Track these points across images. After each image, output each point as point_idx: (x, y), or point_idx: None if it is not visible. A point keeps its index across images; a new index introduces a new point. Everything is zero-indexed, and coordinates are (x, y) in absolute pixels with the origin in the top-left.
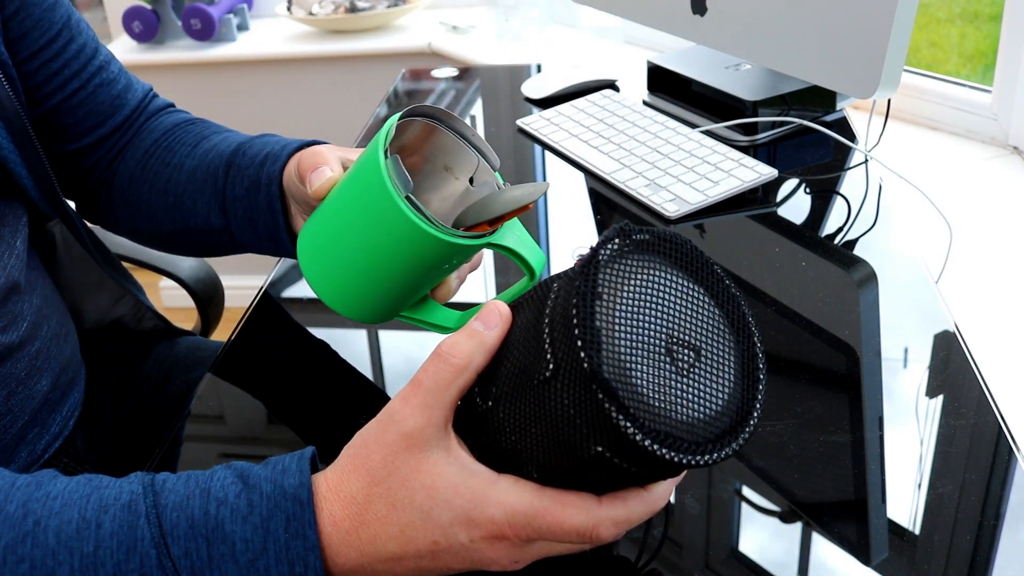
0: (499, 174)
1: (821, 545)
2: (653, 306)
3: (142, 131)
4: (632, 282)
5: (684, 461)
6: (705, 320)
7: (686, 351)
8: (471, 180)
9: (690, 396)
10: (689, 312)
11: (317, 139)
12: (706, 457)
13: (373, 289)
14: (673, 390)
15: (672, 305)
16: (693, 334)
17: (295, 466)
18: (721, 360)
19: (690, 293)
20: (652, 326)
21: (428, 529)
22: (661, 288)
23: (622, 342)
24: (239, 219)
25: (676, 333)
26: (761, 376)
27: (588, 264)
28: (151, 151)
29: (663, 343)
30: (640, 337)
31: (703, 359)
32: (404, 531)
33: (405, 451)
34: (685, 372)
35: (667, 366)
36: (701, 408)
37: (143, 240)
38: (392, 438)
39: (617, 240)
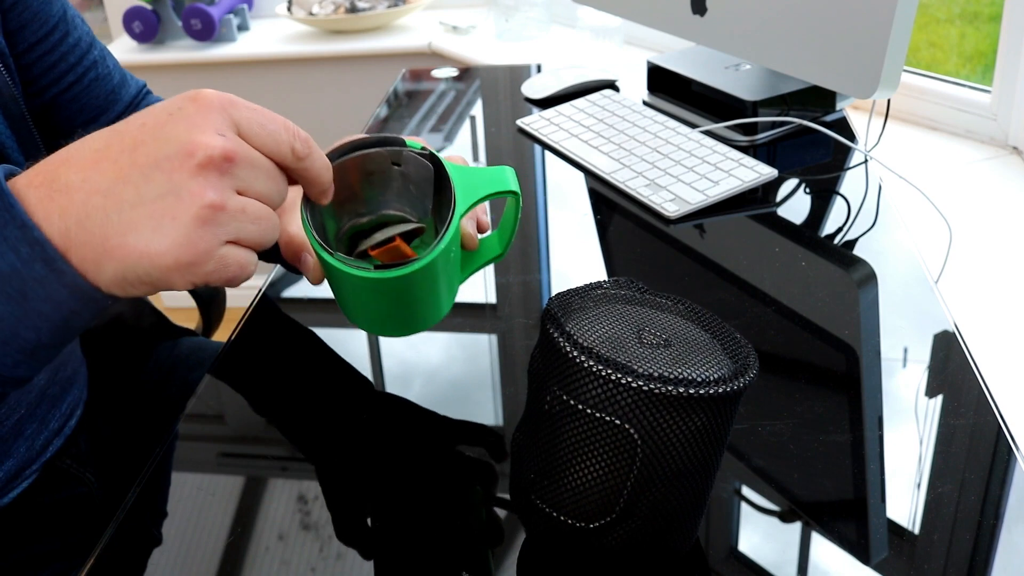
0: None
1: (820, 545)
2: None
3: None
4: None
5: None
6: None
7: (655, 339)
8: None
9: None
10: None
11: None
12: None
13: (411, 312)
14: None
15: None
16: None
17: None
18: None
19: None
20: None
21: (140, 116)
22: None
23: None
24: None
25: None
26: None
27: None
28: None
29: (633, 333)
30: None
31: (674, 347)
32: (114, 128)
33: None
34: (652, 348)
35: (633, 344)
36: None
37: None
38: None
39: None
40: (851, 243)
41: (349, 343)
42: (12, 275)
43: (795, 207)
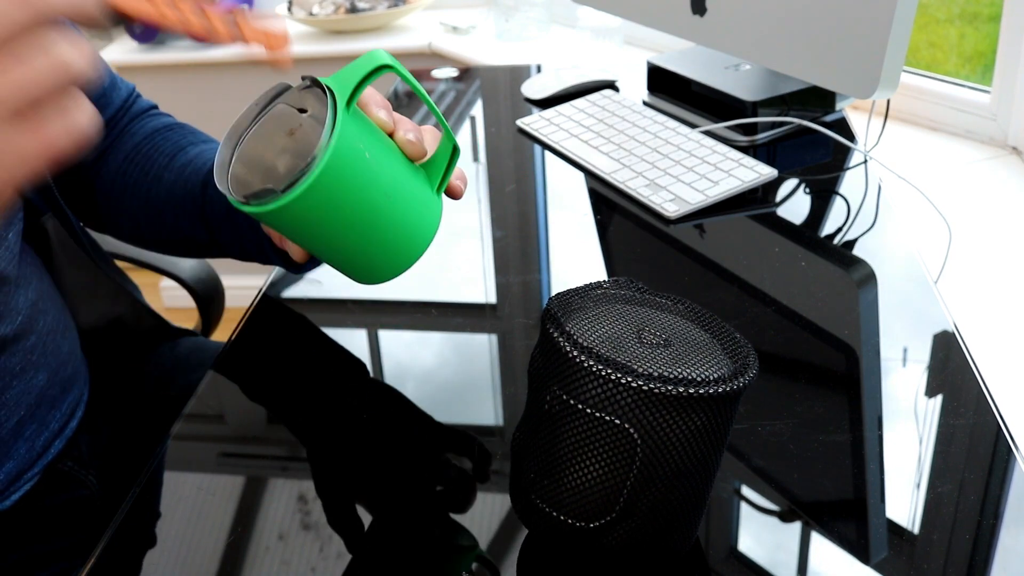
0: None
1: (820, 544)
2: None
3: (124, 134)
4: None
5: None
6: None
7: (655, 338)
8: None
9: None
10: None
11: None
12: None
13: (385, 228)
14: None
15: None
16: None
17: None
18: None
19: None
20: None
21: None
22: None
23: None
24: (225, 236)
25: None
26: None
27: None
28: (131, 156)
29: (633, 333)
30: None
31: (673, 346)
32: None
33: None
34: (651, 347)
35: (633, 343)
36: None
37: (127, 240)
38: None
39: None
40: (851, 243)
41: (349, 343)
42: None
43: (795, 207)
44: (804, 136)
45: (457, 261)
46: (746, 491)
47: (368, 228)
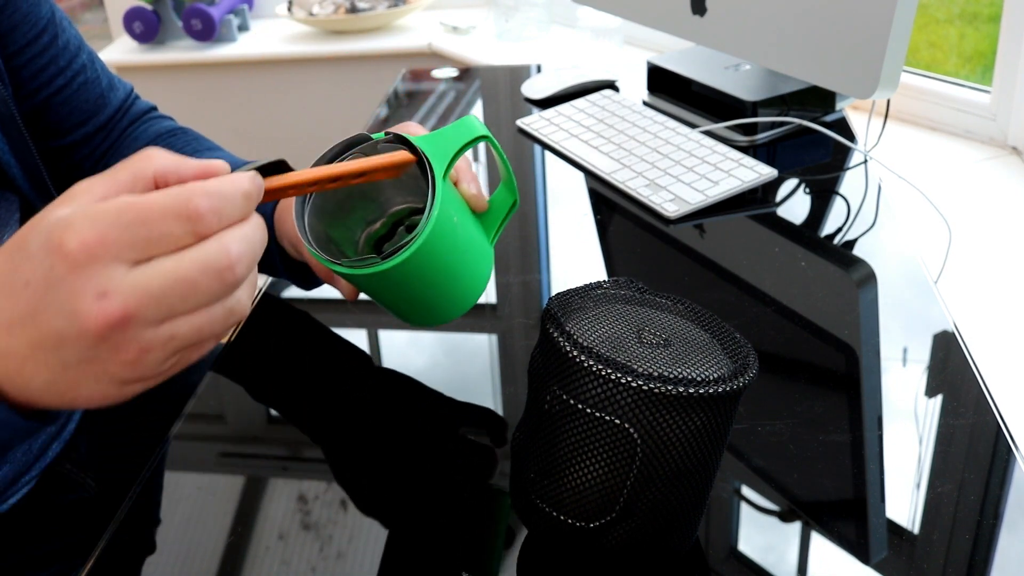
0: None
1: (820, 544)
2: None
3: (126, 136)
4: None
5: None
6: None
7: (654, 338)
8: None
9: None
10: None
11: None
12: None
13: (450, 287)
14: (634, 352)
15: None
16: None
17: None
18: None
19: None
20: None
21: (20, 266)
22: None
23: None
24: None
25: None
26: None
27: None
28: None
29: (633, 333)
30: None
31: (673, 346)
32: (2, 287)
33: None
34: (651, 347)
35: (633, 343)
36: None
37: None
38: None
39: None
40: (851, 243)
41: (349, 343)
42: None
43: (795, 207)
44: (804, 136)
45: None
46: (746, 491)
47: (439, 284)
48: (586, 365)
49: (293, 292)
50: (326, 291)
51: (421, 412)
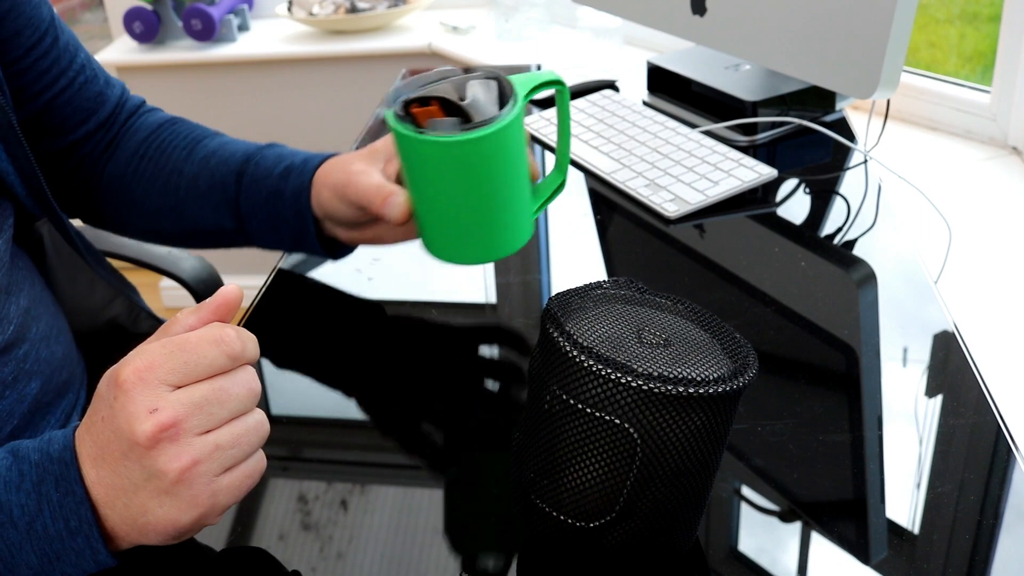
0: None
1: (820, 544)
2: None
3: (126, 130)
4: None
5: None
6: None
7: (654, 338)
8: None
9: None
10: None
11: (330, 152)
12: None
13: (502, 213)
14: (634, 352)
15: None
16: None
17: (60, 434)
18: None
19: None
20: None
21: (97, 405)
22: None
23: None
24: (258, 225)
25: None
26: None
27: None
28: (141, 152)
29: (633, 334)
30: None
31: (673, 346)
32: (89, 423)
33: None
34: (651, 347)
35: (632, 344)
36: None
37: (133, 235)
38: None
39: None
40: (851, 243)
41: (350, 342)
42: (56, 539)
43: (795, 207)
44: (804, 136)
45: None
46: (746, 491)
47: (493, 196)
48: (586, 365)
49: (293, 293)
50: (326, 291)
51: (421, 413)
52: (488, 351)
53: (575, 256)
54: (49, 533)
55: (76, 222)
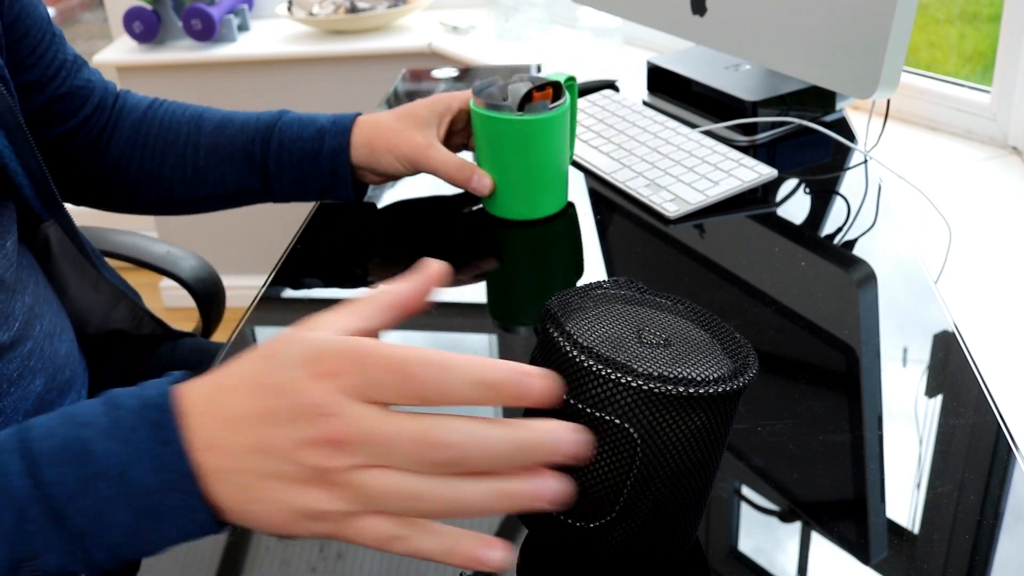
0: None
1: (820, 544)
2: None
3: (118, 111)
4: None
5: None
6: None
7: (654, 338)
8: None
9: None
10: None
11: (356, 111)
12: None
13: (558, 177)
14: (636, 353)
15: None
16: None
17: (160, 381)
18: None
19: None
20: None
21: (272, 365)
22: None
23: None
24: (285, 184)
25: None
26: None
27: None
28: (144, 129)
29: (633, 333)
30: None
31: (673, 346)
32: (253, 382)
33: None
34: (651, 347)
35: (632, 344)
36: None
37: (140, 209)
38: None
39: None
40: (851, 243)
41: None
42: (155, 492)
43: (795, 207)
44: (804, 136)
45: (458, 261)
46: (746, 491)
47: (543, 166)
48: (586, 365)
49: (292, 293)
50: (326, 291)
51: (420, 412)
52: (488, 351)
53: (575, 256)
54: (145, 483)
55: (78, 222)
